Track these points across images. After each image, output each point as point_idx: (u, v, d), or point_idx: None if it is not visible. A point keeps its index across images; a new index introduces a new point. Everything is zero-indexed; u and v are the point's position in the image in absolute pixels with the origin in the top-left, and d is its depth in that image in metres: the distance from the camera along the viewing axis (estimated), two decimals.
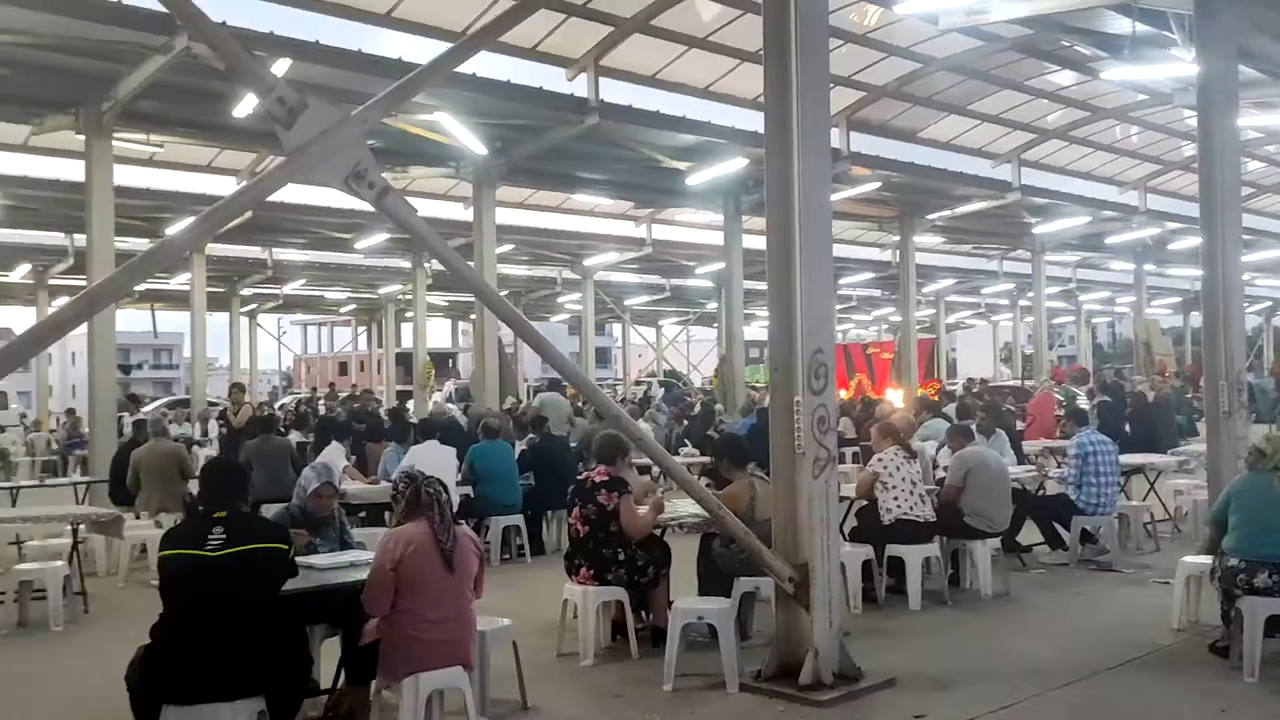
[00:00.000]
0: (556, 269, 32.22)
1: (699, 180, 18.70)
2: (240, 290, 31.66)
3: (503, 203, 19.21)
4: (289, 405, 28.45)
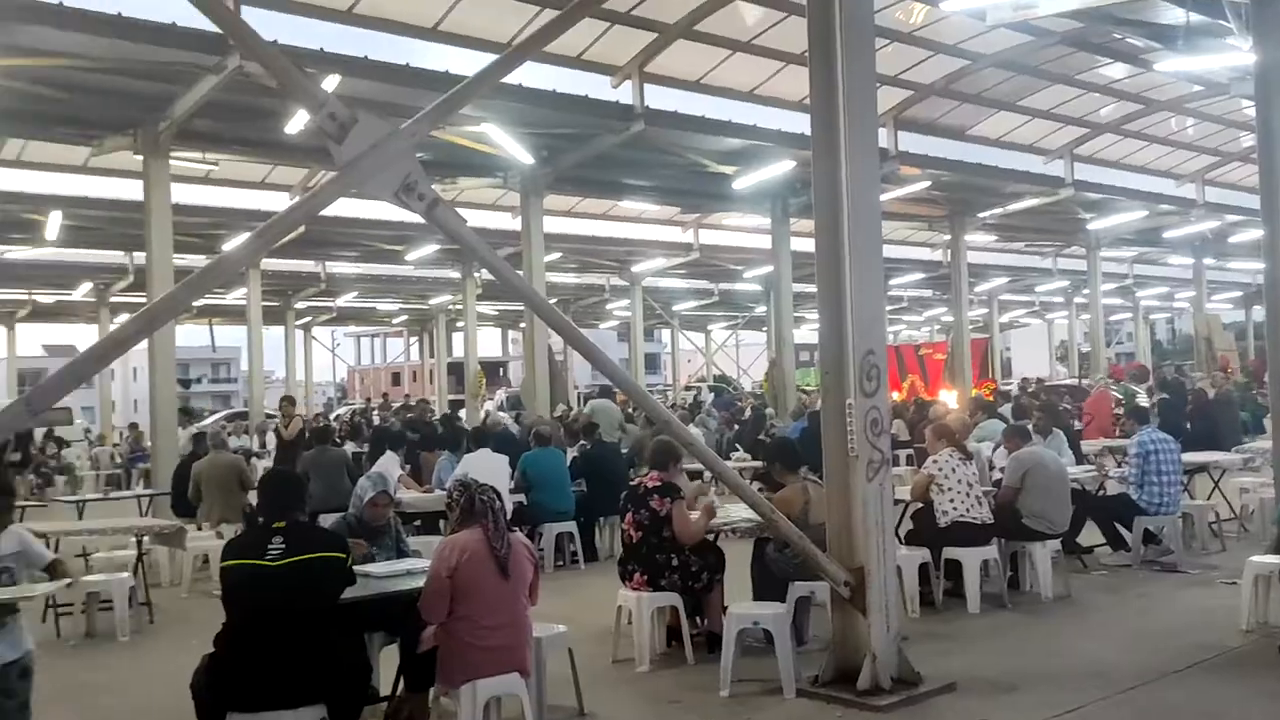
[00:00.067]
0: (604, 276, 32.35)
1: (746, 184, 18.66)
2: (295, 304, 32.22)
3: (550, 211, 19.31)
4: (344, 416, 28.85)
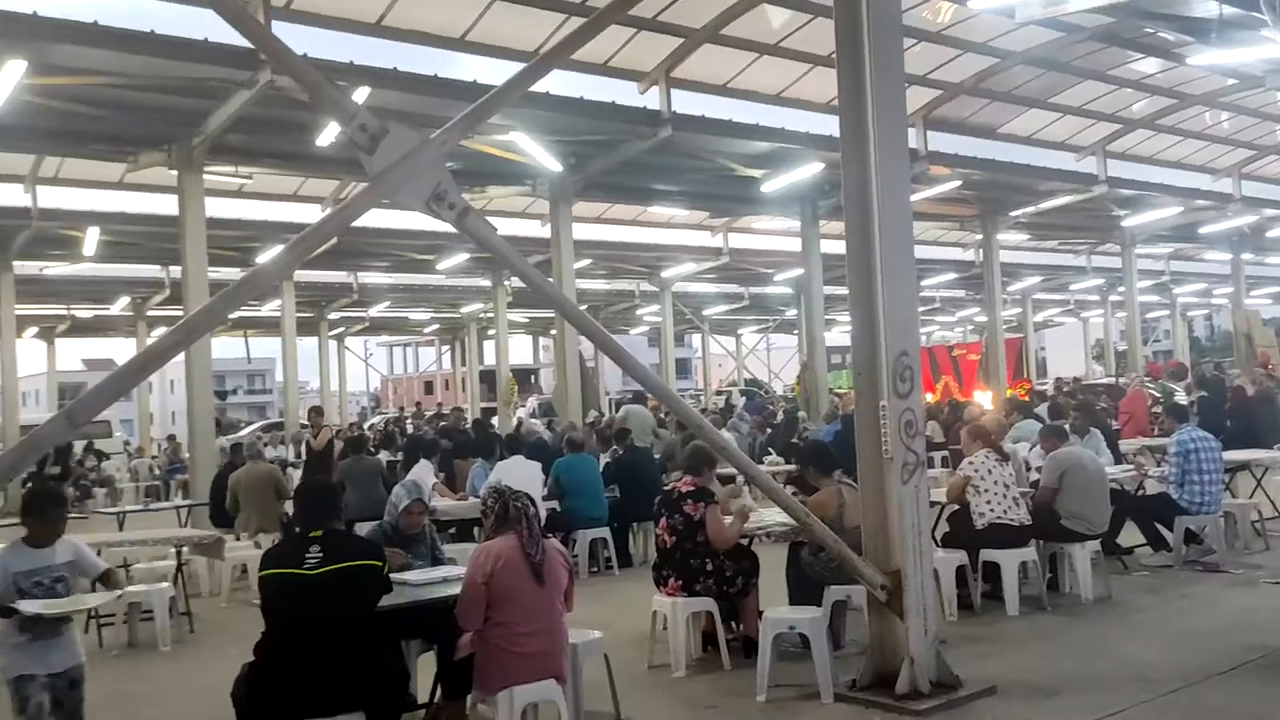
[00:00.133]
0: (634, 282, 32.36)
1: (774, 187, 18.62)
2: (328, 314, 32.51)
3: (579, 218, 19.37)
4: (377, 425, 29.05)
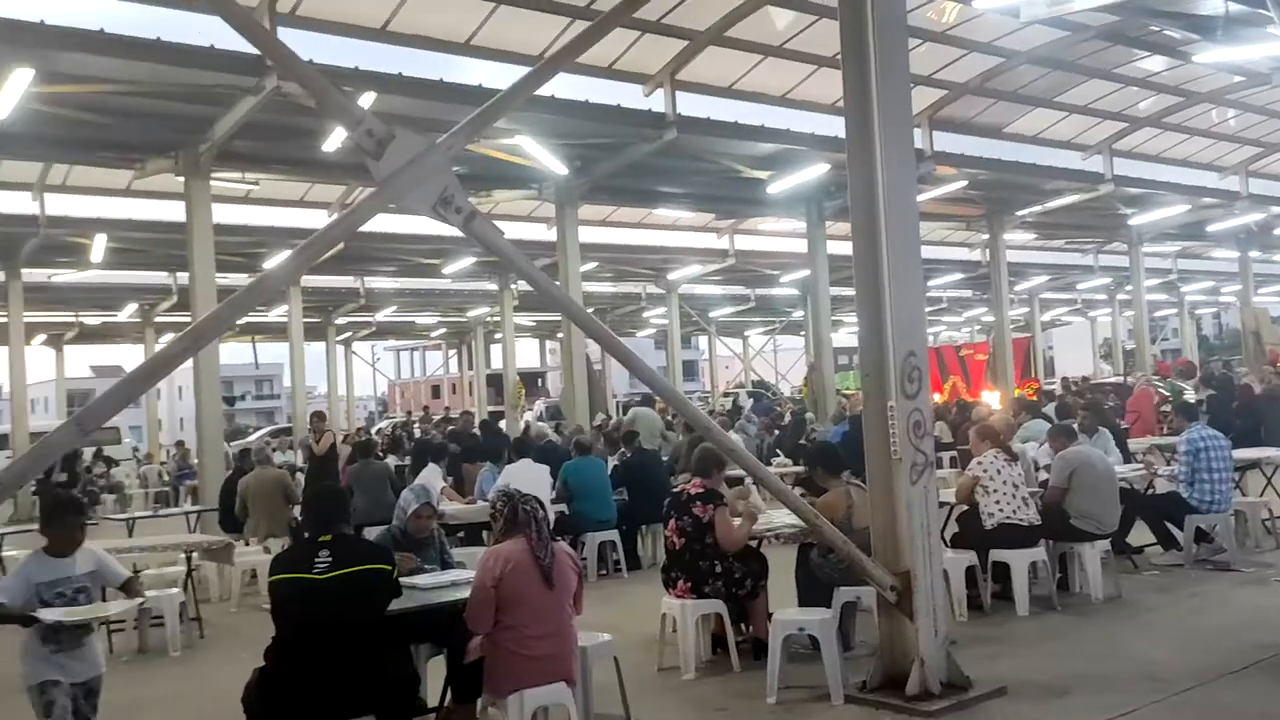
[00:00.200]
0: (641, 284, 32.39)
1: (780, 188, 18.62)
2: (335, 319, 32.57)
3: (585, 221, 19.39)
4: (385, 430, 29.08)
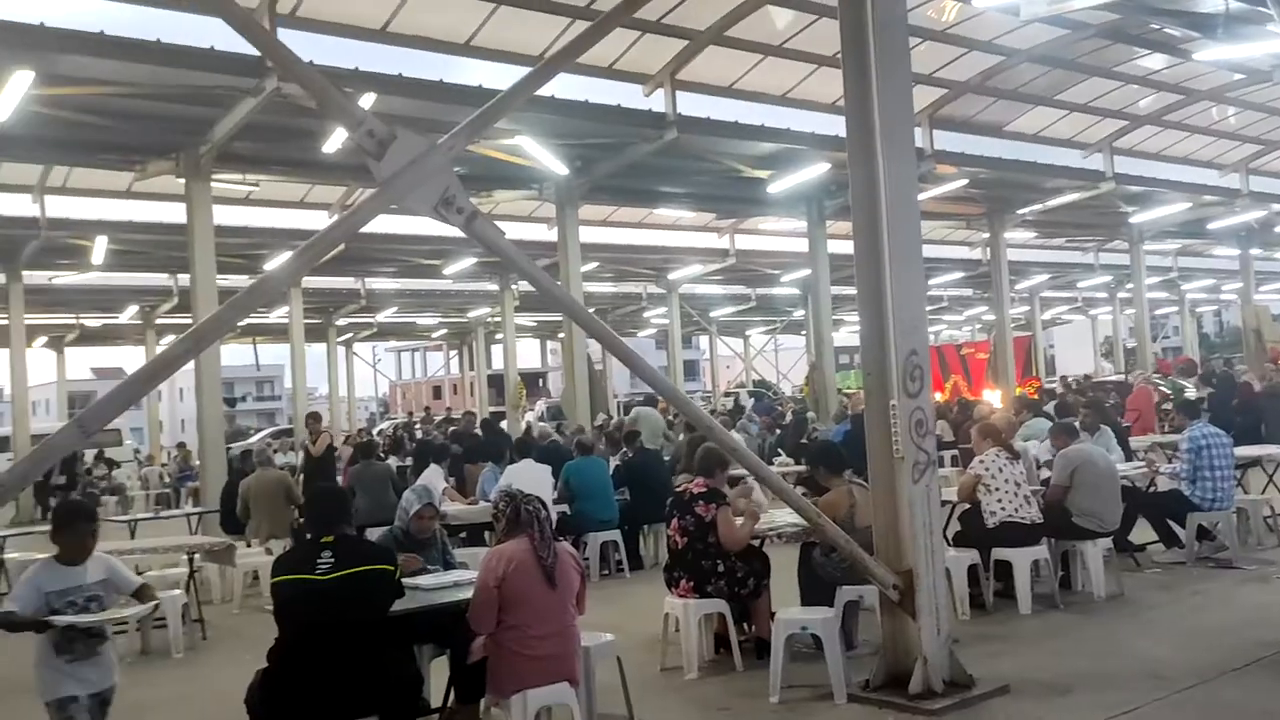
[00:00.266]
0: (641, 284, 32.40)
1: (780, 188, 18.61)
2: (336, 320, 32.60)
3: (586, 221, 19.39)
4: (386, 431, 29.08)
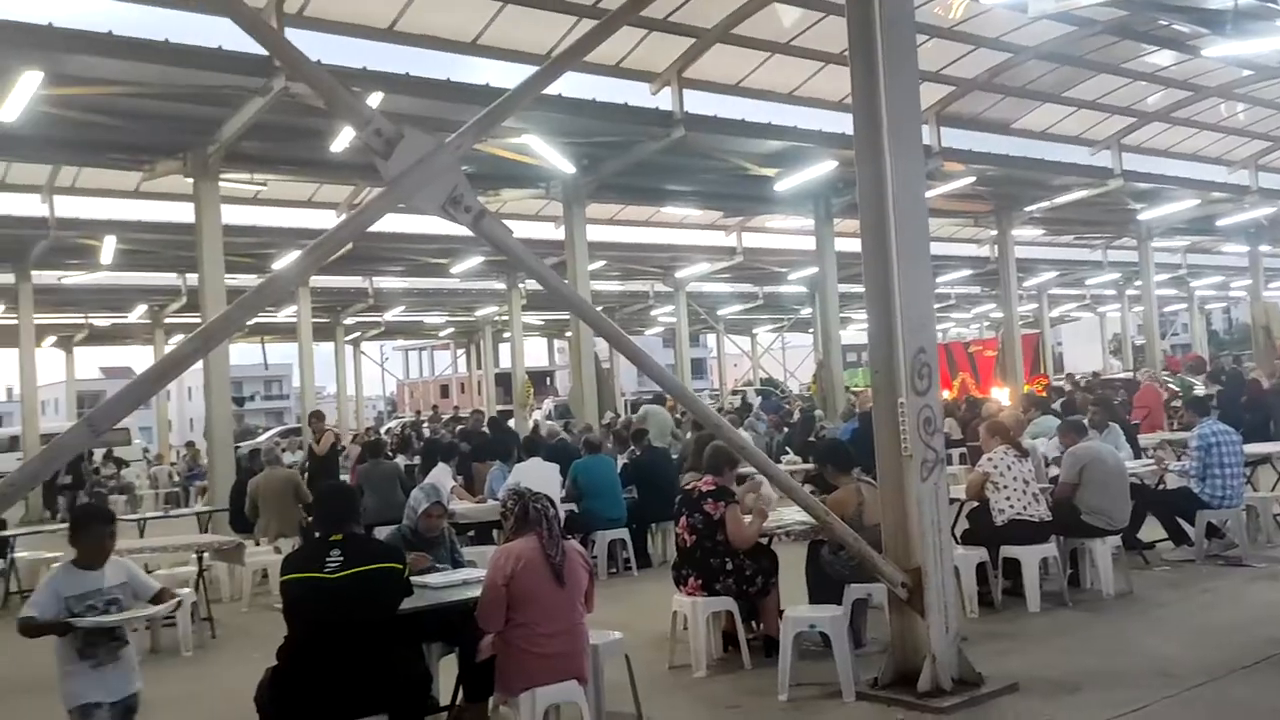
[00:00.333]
0: (649, 283, 32.36)
1: (788, 186, 18.58)
2: (344, 320, 32.63)
3: (593, 220, 19.37)
4: (394, 429, 29.12)
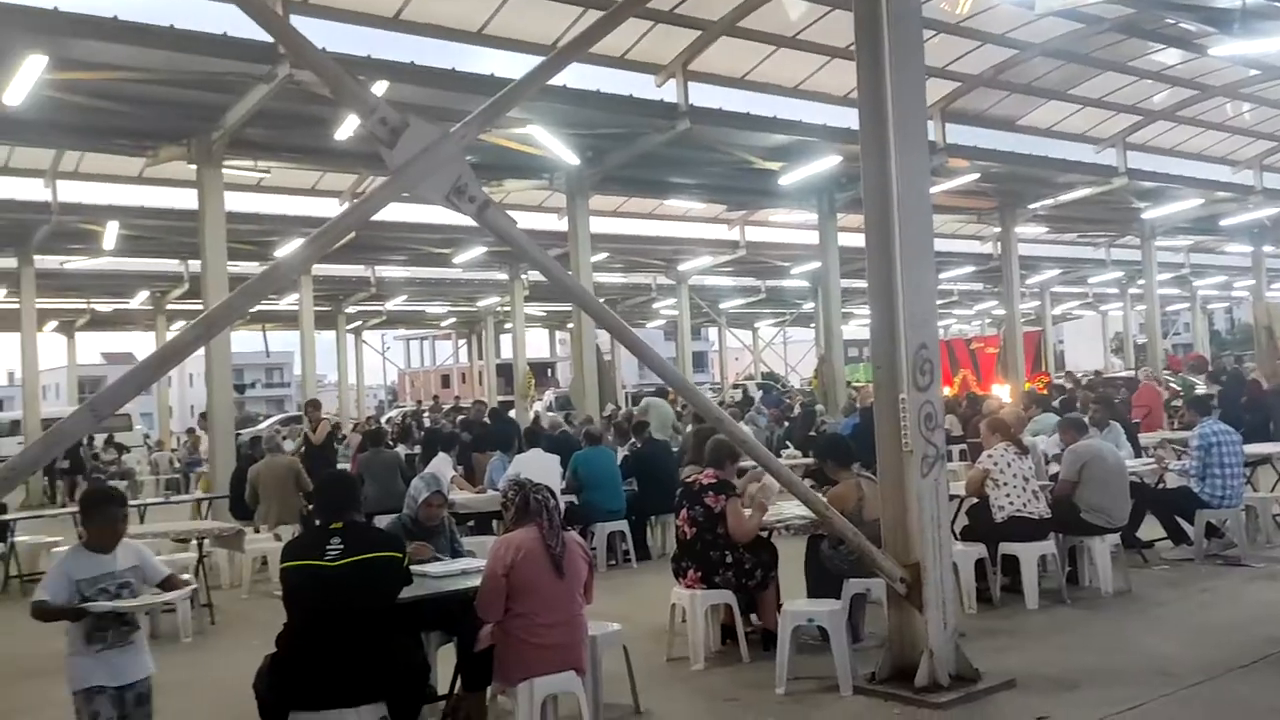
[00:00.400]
0: (651, 275, 32.37)
1: (791, 180, 18.57)
2: (345, 308, 32.64)
3: (596, 211, 19.37)
4: (395, 419, 29.13)
